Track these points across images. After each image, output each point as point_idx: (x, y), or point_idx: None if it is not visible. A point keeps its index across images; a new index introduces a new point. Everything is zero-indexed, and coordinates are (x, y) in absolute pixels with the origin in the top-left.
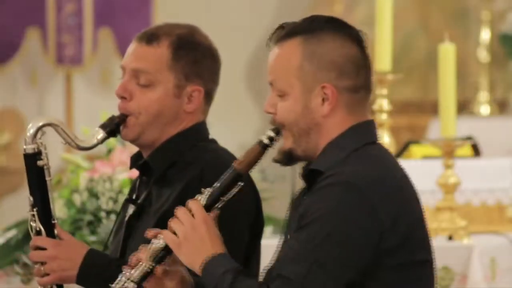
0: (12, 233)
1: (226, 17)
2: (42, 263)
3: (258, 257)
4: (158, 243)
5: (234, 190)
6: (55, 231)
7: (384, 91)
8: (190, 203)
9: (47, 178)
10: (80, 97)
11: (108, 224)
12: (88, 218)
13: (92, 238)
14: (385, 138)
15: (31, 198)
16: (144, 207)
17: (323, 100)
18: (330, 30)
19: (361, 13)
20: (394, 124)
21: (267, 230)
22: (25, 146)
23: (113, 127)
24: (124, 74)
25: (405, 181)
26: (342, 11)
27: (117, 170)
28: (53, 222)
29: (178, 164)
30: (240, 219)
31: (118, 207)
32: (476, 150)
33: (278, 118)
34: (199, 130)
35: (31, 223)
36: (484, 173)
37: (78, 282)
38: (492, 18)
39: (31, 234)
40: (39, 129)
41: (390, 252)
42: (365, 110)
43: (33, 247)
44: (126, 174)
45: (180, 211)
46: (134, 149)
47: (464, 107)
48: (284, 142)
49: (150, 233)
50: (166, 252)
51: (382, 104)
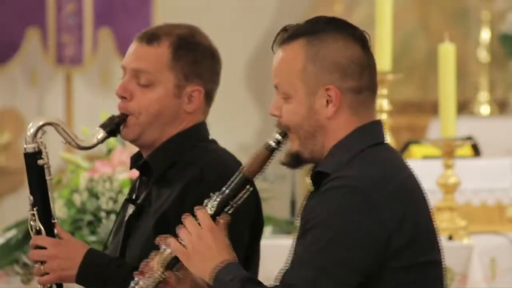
0: (12, 233)
1: (226, 17)
2: (42, 262)
3: (257, 257)
4: (168, 251)
5: (243, 195)
6: (55, 231)
7: (384, 91)
8: (197, 212)
9: (47, 177)
10: (80, 97)
11: (108, 224)
12: (88, 218)
13: (92, 238)
14: None
15: (31, 197)
16: (143, 207)
17: (327, 102)
18: (333, 31)
19: (361, 13)
20: (394, 124)
21: (267, 230)
22: (25, 145)
23: (113, 127)
24: (124, 74)
25: (412, 181)
26: (342, 11)
27: (117, 170)
28: (53, 221)
29: (178, 164)
30: (240, 220)
31: (118, 207)
32: (476, 150)
33: (284, 121)
34: (199, 130)
35: (31, 222)
36: (484, 173)
37: (78, 281)
38: (492, 18)
39: (31, 234)
40: (40, 128)
41: (397, 253)
42: (370, 111)
43: (33, 246)
44: (126, 174)
45: (187, 220)
46: (134, 149)
47: (464, 107)
48: (290, 145)
49: (159, 240)
50: (176, 259)
51: (382, 104)
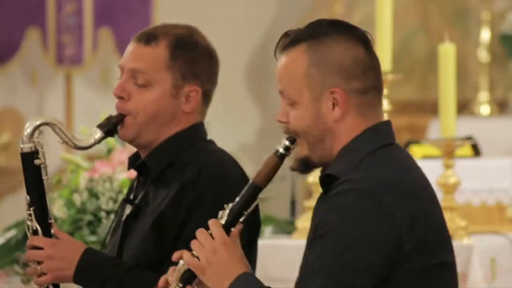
0: (12, 233)
1: (226, 17)
2: (39, 263)
3: (255, 257)
4: (184, 265)
5: (255, 203)
6: (52, 231)
7: (384, 91)
8: (210, 224)
9: (44, 177)
10: (80, 97)
11: (108, 224)
12: (88, 218)
13: (92, 238)
14: None
15: (28, 197)
16: (141, 207)
17: (333, 105)
18: (335, 34)
19: (361, 13)
20: (394, 124)
21: (267, 230)
22: (22, 145)
23: (110, 127)
24: (122, 74)
25: (422, 181)
26: (342, 11)
27: (117, 170)
28: (49, 221)
29: (176, 164)
30: None
31: None
32: (476, 150)
33: (291, 127)
34: (197, 131)
35: (28, 223)
36: (484, 173)
37: (75, 281)
38: (492, 18)
39: (28, 234)
40: (36, 128)
41: (409, 255)
42: (377, 111)
43: (29, 247)
44: (126, 174)
45: (200, 234)
46: (134, 149)
47: (464, 107)
48: (299, 150)
49: (175, 255)
50: (193, 273)
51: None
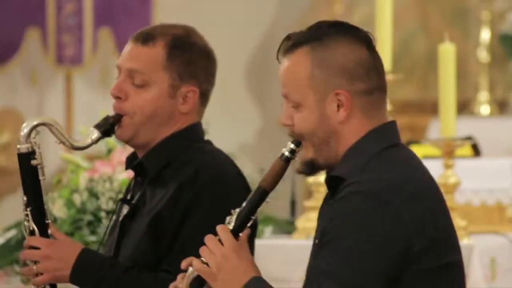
0: (12, 233)
1: (226, 16)
2: (36, 263)
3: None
4: (194, 272)
5: (262, 207)
6: (49, 231)
7: None
8: (219, 230)
9: (41, 178)
10: (80, 97)
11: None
12: (88, 218)
13: (92, 238)
14: None
15: (25, 198)
16: (138, 207)
17: (338, 106)
18: (337, 35)
19: (361, 13)
20: None
21: (267, 230)
22: (19, 146)
23: (107, 127)
24: (119, 74)
25: (429, 181)
26: (342, 11)
27: (117, 170)
28: (46, 221)
29: (173, 164)
30: None
31: None
32: (476, 150)
33: (296, 129)
34: (194, 131)
35: (25, 223)
36: (484, 173)
37: (72, 281)
38: (492, 18)
39: (25, 234)
40: (33, 128)
41: (418, 256)
42: (382, 112)
43: (26, 247)
44: (126, 174)
45: (209, 240)
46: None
47: (464, 107)
48: (305, 153)
49: (184, 263)
50: (203, 280)
51: None
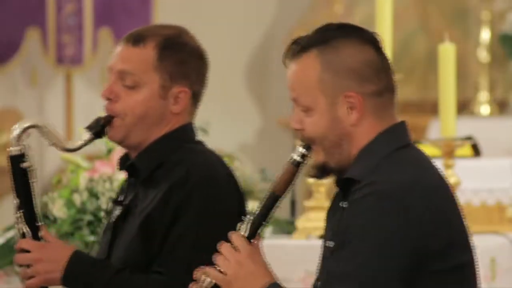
0: (12, 233)
1: (226, 16)
2: (28, 266)
3: None
4: (208, 280)
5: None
6: (40, 234)
7: None
8: (233, 237)
9: (32, 180)
10: (80, 97)
11: None
12: (88, 218)
13: (92, 238)
14: None
15: (17, 201)
16: (130, 208)
17: (350, 108)
18: (344, 37)
19: (361, 13)
20: None
21: (267, 230)
22: (10, 148)
23: (99, 129)
24: (111, 76)
25: (441, 181)
26: (342, 11)
27: (117, 170)
28: (37, 224)
29: (165, 165)
30: (224, 224)
31: None
32: (476, 150)
33: (307, 133)
34: (186, 131)
35: (18, 226)
36: (484, 173)
37: (63, 284)
38: (492, 18)
39: (18, 237)
40: (24, 130)
41: (435, 256)
42: (392, 112)
43: (18, 250)
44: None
45: (224, 247)
46: None
47: (464, 107)
48: (315, 157)
49: (197, 273)
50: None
51: None
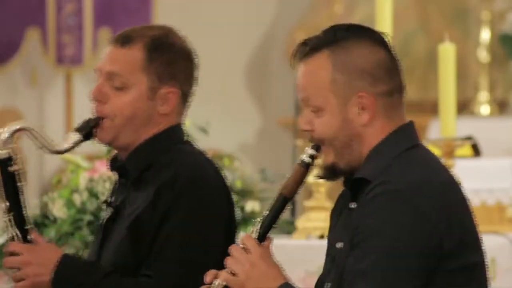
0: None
1: (226, 16)
2: (19, 269)
3: None
4: (220, 283)
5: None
6: (30, 237)
7: None
8: (244, 239)
9: (20, 184)
10: (80, 97)
11: None
12: (88, 218)
13: (92, 238)
14: None
15: (6, 204)
16: (120, 210)
17: (361, 109)
18: (354, 38)
19: (361, 13)
20: None
21: None
22: None
23: (88, 130)
24: (99, 77)
25: (451, 181)
26: (342, 11)
27: None
28: (26, 227)
29: (154, 166)
30: (213, 224)
31: None
32: (476, 150)
33: (317, 134)
34: (175, 132)
35: (8, 229)
36: (484, 173)
37: (53, 286)
38: (492, 18)
39: (8, 240)
40: (13, 133)
41: (448, 256)
42: (401, 112)
43: (7, 253)
44: None
45: (235, 250)
46: None
47: (464, 107)
48: (325, 158)
49: (208, 277)
50: None
51: None
